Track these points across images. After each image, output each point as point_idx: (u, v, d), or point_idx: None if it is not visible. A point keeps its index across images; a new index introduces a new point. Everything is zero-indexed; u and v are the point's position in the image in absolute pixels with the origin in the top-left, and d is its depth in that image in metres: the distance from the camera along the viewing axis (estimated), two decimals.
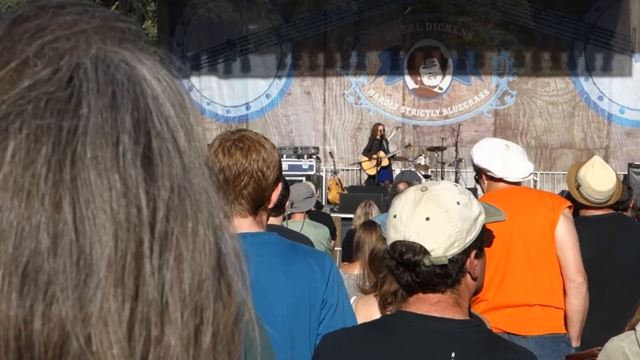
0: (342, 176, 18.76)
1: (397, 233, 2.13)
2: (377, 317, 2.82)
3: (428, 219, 2.09)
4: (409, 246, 2.10)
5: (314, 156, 18.06)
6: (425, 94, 19.90)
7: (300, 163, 17.19)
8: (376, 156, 17.09)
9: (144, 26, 23.11)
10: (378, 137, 17.47)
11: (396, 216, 2.15)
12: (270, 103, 20.29)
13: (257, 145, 2.63)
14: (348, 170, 19.37)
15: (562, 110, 19.43)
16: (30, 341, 0.52)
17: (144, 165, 0.55)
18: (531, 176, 4.60)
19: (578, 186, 4.96)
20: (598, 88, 19.28)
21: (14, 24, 0.58)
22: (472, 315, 2.35)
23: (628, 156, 18.65)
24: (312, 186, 8.55)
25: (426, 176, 16.77)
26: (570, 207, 4.40)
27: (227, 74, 20.39)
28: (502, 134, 19.56)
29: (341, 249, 9.09)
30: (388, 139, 18.04)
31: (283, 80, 20.23)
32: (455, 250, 2.10)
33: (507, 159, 4.45)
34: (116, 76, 0.56)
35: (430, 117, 19.92)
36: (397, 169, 17.68)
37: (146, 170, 0.55)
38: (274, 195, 2.69)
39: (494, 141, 4.71)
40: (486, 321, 3.04)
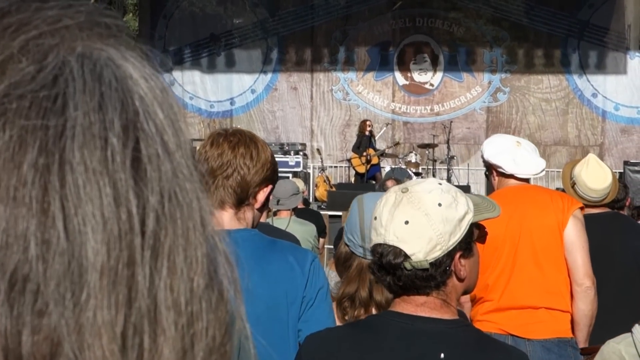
0: (330, 173, 18.84)
1: (378, 236, 2.12)
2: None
3: (407, 223, 2.07)
4: (388, 249, 2.09)
5: (301, 153, 18.14)
6: (415, 90, 19.98)
7: (286, 159, 17.22)
8: (367, 154, 17.11)
9: (125, 19, 23.05)
10: (367, 134, 17.54)
11: (376, 218, 2.13)
12: (255, 98, 20.34)
13: (248, 140, 2.66)
14: (336, 167, 19.47)
15: (556, 107, 19.58)
16: (18, 353, 0.50)
17: (134, 168, 0.54)
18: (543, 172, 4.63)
19: (573, 184, 4.97)
20: (592, 85, 19.45)
21: None
22: (460, 314, 2.33)
23: (623, 153, 18.82)
24: (299, 183, 8.53)
25: (417, 173, 16.81)
26: (581, 209, 4.39)
27: (211, 69, 20.44)
28: (495, 131, 19.59)
29: (333, 247, 9.07)
30: (377, 136, 18.10)
31: (269, 75, 20.29)
32: (437, 253, 2.07)
33: (519, 155, 4.45)
34: (103, 75, 0.55)
35: (421, 114, 20.00)
36: (387, 166, 17.74)
37: (136, 173, 0.54)
38: (262, 194, 2.69)
39: (505, 137, 4.72)
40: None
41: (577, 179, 4.95)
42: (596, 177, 4.98)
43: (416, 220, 2.07)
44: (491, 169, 4.57)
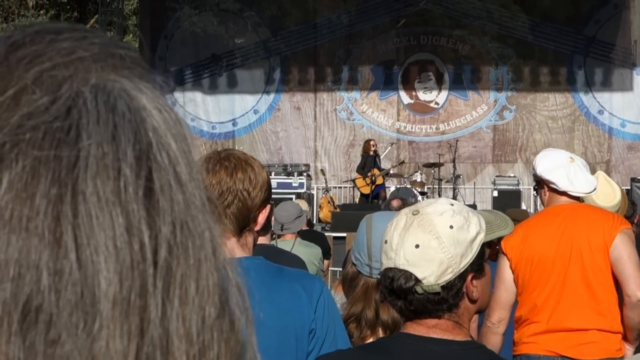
0: (335, 194, 18.84)
1: (388, 260, 2.11)
2: None
3: (417, 246, 2.07)
4: (399, 274, 2.08)
5: (305, 174, 18.12)
6: (420, 109, 20.00)
7: (290, 181, 17.22)
8: (371, 174, 17.12)
9: (125, 40, 23.13)
10: (371, 154, 17.53)
11: (387, 242, 2.13)
12: (258, 119, 20.35)
13: (244, 164, 2.61)
14: (341, 187, 19.45)
15: (562, 124, 19.57)
16: None
17: (146, 199, 0.55)
18: (592, 192, 4.52)
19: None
20: (598, 102, 19.45)
21: (10, 50, 0.58)
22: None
23: (630, 170, 18.79)
24: (303, 204, 8.52)
25: (422, 193, 16.80)
26: (630, 228, 4.35)
27: (213, 89, 20.46)
28: (501, 150, 19.69)
29: (342, 268, 9.05)
30: (381, 155, 18.10)
31: (272, 95, 20.30)
32: (448, 276, 2.07)
33: (572, 172, 4.39)
34: (117, 106, 0.56)
35: (426, 133, 20.01)
36: (392, 186, 17.73)
37: (148, 204, 0.55)
38: (261, 216, 2.66)
39: (559, 152, 4.64)
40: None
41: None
42: (605, 195, 4.96)
43: (427, 243, 2.06)
44: (542, 184, 4.49)
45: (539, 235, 4.31)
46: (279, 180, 16.87)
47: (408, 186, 16.92)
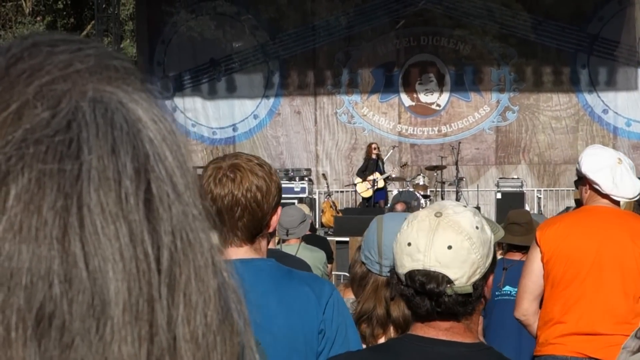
0: (337, 198, 18.79)
1: (415, 262, 2.10)
2: None
3: (450, 247, 2.07)
4: (431, 276, 2.09)
5: (306, 178, 18.13)
6: (422, 112, 19.96)
7: (291, 186, 17.22)
8: (372, 177, 17.12)
9: (122, 45, 23.18)
10: (373, 157, 17.51)
11: (411, 244, 2.12)
12: (258, 124, 20.34)
13: (250, 174, 2.59)
14: (343, 192, 19.39)
15: (566, 125, 19.50)
16: None
17: (146, 209, 0.57)
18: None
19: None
20: (602, 101, 19.34)
21: (10, 64, 0.60)
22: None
23: (636, 171, 18.54)
24: (305, 209, 8.56)
25: (425, 196, 16.81)
26: None
27: (212, 95, 20.45)
28: (504, 151, 19.61)
29: (347, 273, 9.09)
30: (384, 159, 18.08)
31: (271, 100, 20.28)
32: (477, 277, 2.10)
33: (618, 175, 4.33)
34: (114, 119, 0.58)
35: (428, 135, 19.97)
36: (395, 189, 17.71)
37: (148, 215, 0.58)
38: (274, 220, 2.68)
39: (607, 151, 4.53)
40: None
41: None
42: None
43: (459, 244, 2.08)
44: (585, 182, 4.41)
45: (579, 233, 4.28)
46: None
47: (411, 189, 16.92)
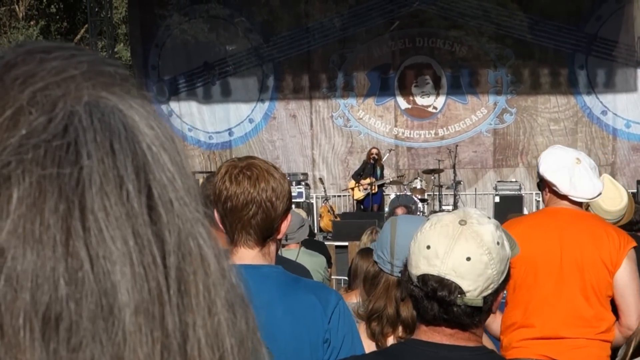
0: (334, 202, 18.77)
1: (431, 267, 2.12)
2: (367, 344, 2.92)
3: (469, 259, 2.09)
4: (444, 283, 2.11)
5: (303, 183, 18.11)
6: (418, 114, 19.93)
7: None
8: (366, 182, 17.11)
9: (116, 49, 23.21)
10: (371, 162, 17.49)
11: (430, 247, 2.13)
12: (254, 128, 20.33)
13: (266, 174, 2.67)
14: (340, 196, 19.37)
15: (564, 126, 19.45)
16: None
17: (149, 213, 0.59)
18: (598, 197, 4.33)
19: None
20: (601, 102, 19.28)
21: (4, 70, 0.61)
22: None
23: (636, 172, 18.63)
24: (303, 214, 8.63)
25: (422, 200, 16.83)
26: (635, 247, 4.26)
27: (207, 99, 20.43)
28: (502, 154, 19.60)
29: (345, 277, 9.17)
30: (383, 164, 18.06)
31: (266, 103, 20.27)
32: (489, 291, 2.13)
33: (576, 175, 4.26)
34: (112, 124, 0.59)
35: (425, 139, 19.94)
36: (392, 193, 17.70)
37: (152, 219, 0.59)
38: (284, 225, 2.74)
39: (566, 152, 4.42)
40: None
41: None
42: (611, 198, 4.96)
43: (478, 257, 2.09)
44: (544, 184, 4.37)
45: (539, 236, 4.23)
46: None
47: (408, 193, 16.91)
